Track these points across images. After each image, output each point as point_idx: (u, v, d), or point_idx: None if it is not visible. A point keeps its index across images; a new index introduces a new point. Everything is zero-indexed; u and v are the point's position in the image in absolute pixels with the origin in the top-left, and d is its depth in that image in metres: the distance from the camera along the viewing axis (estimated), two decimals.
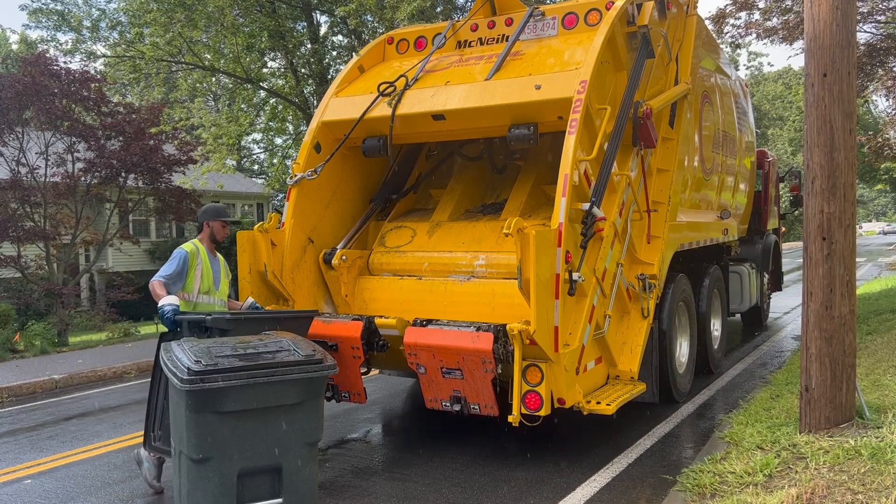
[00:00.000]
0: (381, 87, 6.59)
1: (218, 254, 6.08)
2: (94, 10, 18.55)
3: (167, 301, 5.33)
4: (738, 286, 10.25)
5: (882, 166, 24.91)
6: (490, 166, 7.47)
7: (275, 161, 22.26)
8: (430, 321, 5.63)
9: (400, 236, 6.93)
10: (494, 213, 6.83)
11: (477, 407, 5.49)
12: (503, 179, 7.31)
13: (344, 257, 6.66)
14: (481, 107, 6.11)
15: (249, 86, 19.00)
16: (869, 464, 4.39)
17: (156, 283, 5.55)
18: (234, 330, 4.75)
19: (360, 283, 6.78)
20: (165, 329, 5.37)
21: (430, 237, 6.76)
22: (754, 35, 13.87)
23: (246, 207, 30.94)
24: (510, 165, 7.30)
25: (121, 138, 15.56)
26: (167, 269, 5.66)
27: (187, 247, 5.84)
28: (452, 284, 6.22)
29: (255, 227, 6.30)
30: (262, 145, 29.38)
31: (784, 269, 13.76)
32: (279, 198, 30.97)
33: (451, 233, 6.72)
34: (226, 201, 29.19)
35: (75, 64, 18.07)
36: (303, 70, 18.85)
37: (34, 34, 33.43)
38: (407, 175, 7.62)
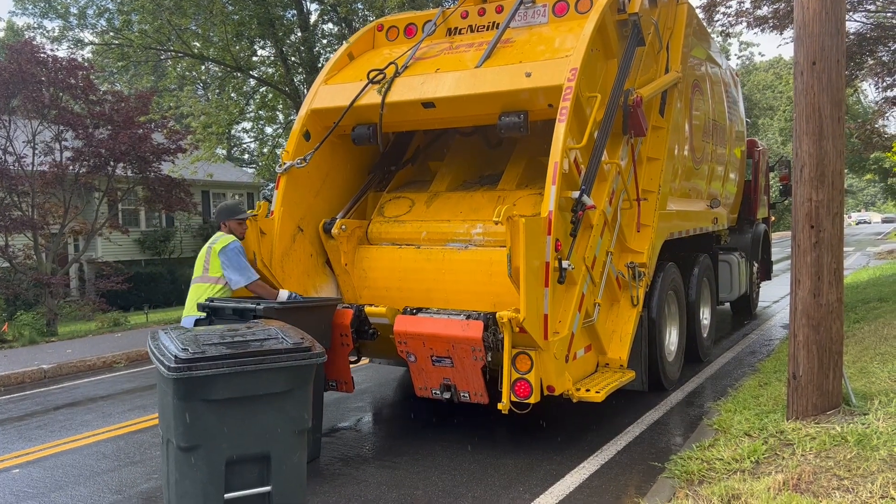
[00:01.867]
0: (371, 75, 6.56)
1: None
2: None
3: (284, 293, 5.96)
4: (727, 275, 10.29)
5: (871, 156, 25.04)
6: (485, 141, 7.46)
7: (265, 150, 22.17)
8: (420, 309, 5.63)
9: (398, 206, 6.94)
10: (492, 184, 6.83)
11: (467, 395, 5.50)
12: (501, 151, 7.30)
13: (343, 226, 6.67)
14: (471, 94, 6.08)
15: (239, 74, 18.87)
16: (855, 450, 4.42)
17: (257, 285, 5.93)
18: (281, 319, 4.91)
19: (359, 252, 6.78)
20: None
21: (429, 207, 6.76)
22: (745, 24, 13.89)
23: (236, 197, 30.79)
24: (506, 138, 7.29)
25: (109, 127, 15.42)
26: (247, 264, 5.96)
27: (234, 238, 6.07)
28: (450, 253, 6.22)
29: None
30: (252, 134, 29.20)
31: (773, 258, 13.82)
32: (269, 187, 30.87)
33: (448, 203, 6.72)
34: (216, 191, 29.07)
35: (62, 52, 17.90)
36: (293, 58, 18.74)
37: (20, 21, 33.12)
38: (405, 148, 7.62)
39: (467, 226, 6.34)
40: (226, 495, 3.72)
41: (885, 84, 15.10)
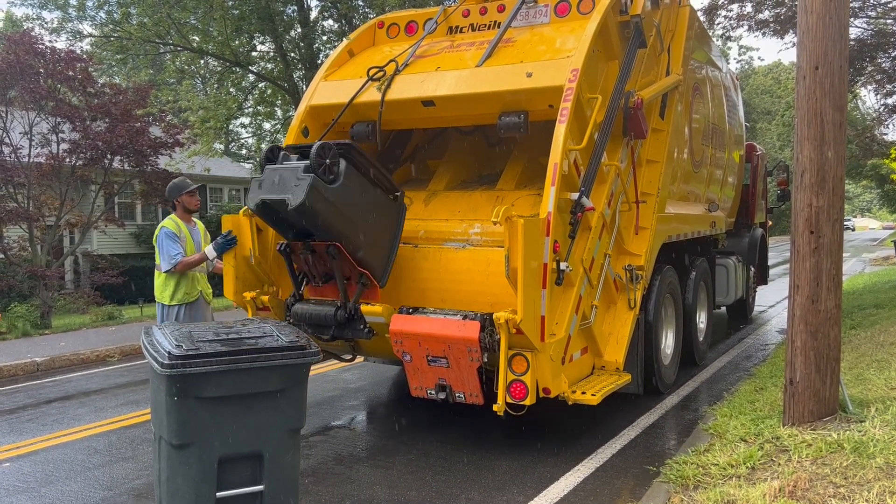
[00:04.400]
0: (371, 72, 6.52)
1: (195, 220, 6.71)
2: None
3: (209, 249, 6.17)
4: (724, 279, 10.28)
5: (869, 163, 25.06)
6: (485, 140, 7.43)
7: (263, 146, 22.12)
8: (416, 309, 5.60)
9: None
10: (490, 184, 6.80)
11: (462, 395, 5.47)
12: (500, 150, 7.27)
13: None
14: (471, 93, 6.05)
15: (238, 69, 18.82)
16: (851, 457, 4.40)
17: (182, 263, 6.23)
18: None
19: None
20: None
21: (427, 206, 6.72)
22: (746, 27, 13.88)
23: (233, 192, 30.71)
24: (506, 138, 7.27)
25: (107, 120, 15.34)
26: (173, 250, 6.26)
27: (168, 224, 6.40)
28: (448, 252, 6.16)
29: (241, 210, 6.24)
30: (250, 130, 29.15)
31: (770, 262, 13.83)
32: None
33: (447, 202, 6.67)
34: (213, 185, 29.00)
35: (61, 43, 17.83)
36: (292, 54, 18.70)
37: (19, 12, 33.00)
38: (404, 146, 7.58)
39: (465, 225, 6.31)
40: (217, 494, 3.68)
41: (885, 91, 15.10)
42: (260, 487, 3.78)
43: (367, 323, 5.79)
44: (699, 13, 11.18)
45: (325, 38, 19.22)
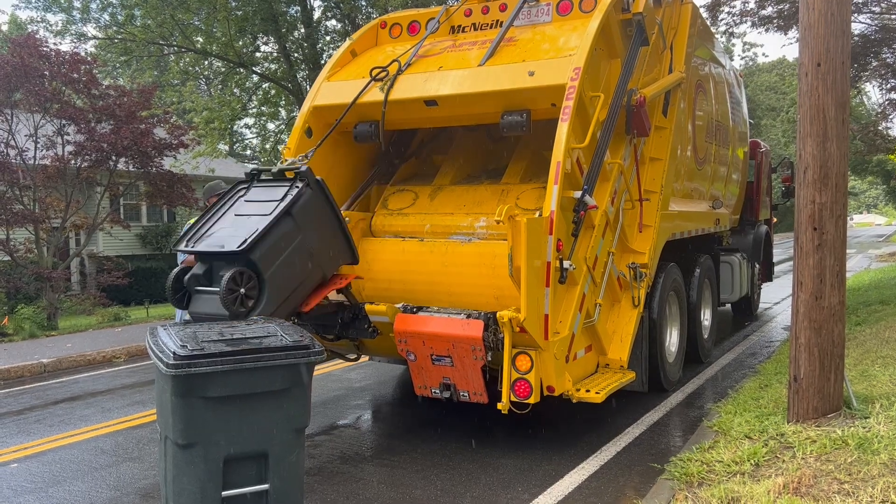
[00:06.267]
0: (374, 72, 6.54)
1: None
2: None
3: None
4: (728, 276, 10.26)
5: (874, 158, 24.99)
6: (489, 136, 7.44)
7: (267, 146, 22.17)
8: (420, 308, 5.61)
9: (402, 199, 6.92)
10: (496, 178, 6.81)
11: (466, 394, 5.48)
12: (505, 145, 7.29)
13: (347, 219, 6.63)
14: (474, 93, 6.06)
15: (242, 70, 18.86)
16: (855, 454, 4.41)
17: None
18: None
19: (362, 244, 6.73)
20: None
21: (432, 200, 6.74)
22: (749, 23, 13.86)
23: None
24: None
25: (111, 121, 15.39)
26: None
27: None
28: (454, 245, 6.17)
29: None
30: (254, 130, 29.20)
31: (775, 259, 13.80)
32: None
33: (452, 196, 6.70)
34: None
35: (66, 46, 17.90)
36: (296, 55, 18.72)
37: (24, 14, 33.12)
38: (409, 141, 7.60)
39: (471, 219, 6.33)
40: (223, 493, 3.70)
41: (889, 86, 15.05)
42: (265, 486, 3.80)
43: (372, 322, 5.81)
44: (702, 10, 11.16)
45: (328, 38, 19.24)
